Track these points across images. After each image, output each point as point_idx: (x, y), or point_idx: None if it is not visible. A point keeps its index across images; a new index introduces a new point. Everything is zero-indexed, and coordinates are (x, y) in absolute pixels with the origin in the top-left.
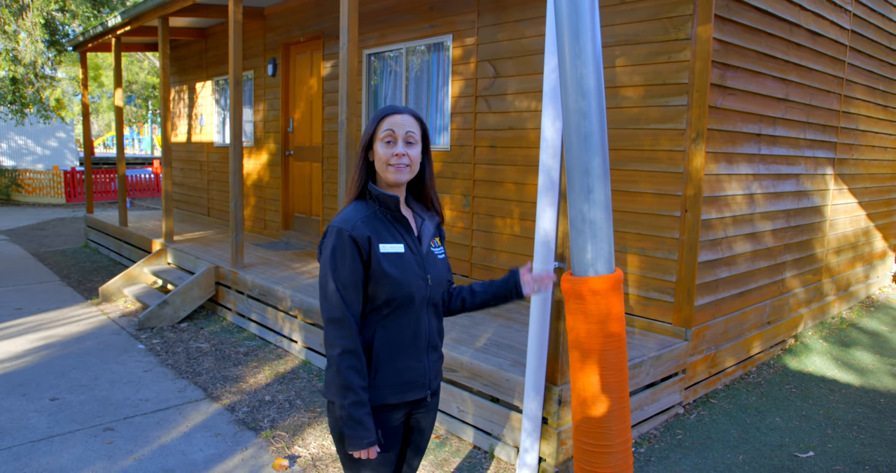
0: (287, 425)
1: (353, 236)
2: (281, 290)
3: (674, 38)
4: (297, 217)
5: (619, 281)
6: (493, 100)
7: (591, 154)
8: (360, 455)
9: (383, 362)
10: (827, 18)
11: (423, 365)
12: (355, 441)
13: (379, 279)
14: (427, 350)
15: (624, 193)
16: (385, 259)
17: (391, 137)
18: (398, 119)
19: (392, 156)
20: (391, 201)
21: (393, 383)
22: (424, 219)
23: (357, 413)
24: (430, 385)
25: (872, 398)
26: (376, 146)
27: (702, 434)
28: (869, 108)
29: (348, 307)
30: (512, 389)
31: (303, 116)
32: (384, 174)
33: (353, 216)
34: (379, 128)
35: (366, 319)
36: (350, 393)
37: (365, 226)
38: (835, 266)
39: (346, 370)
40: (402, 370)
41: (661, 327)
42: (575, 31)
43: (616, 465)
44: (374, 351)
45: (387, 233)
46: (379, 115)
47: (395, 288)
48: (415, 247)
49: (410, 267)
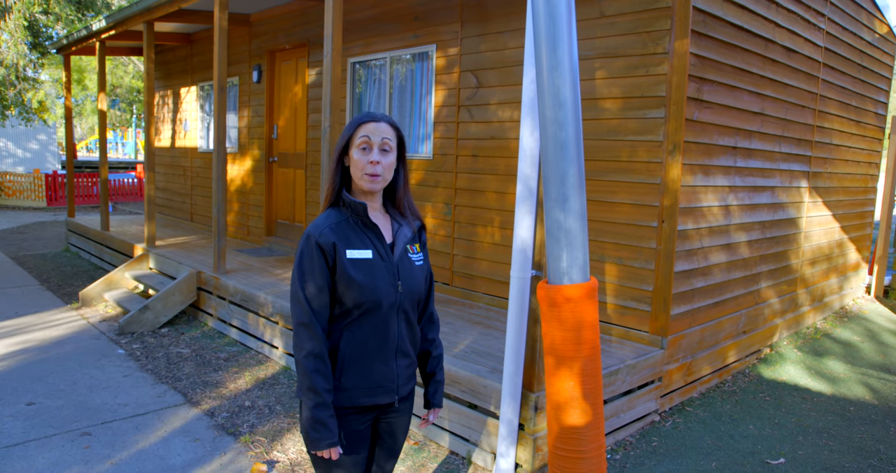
0: (266, 430)
1: (319, 242)
2: (262, 296)
3: (652, 52)
4: (281, 223)
5: (594, 289)
6: (476, 110)
7: (567, 163)
8: (323, 454)
9: (349, 365)
10: (801, 35)
11: (392, 370)
12: (317, 441)
13: (346, 284)
14: (396, 355)
15: (602, 203)
16: (351, 264)
17: (367, 144)
18: (375, 126)
19: (367, 164)
20: (360, 208)
21: (359, 386)
22: (402, 226)
23: (320, 415)
24: (399, 390)
25: (843, 406)
26: (352, 152)
27: (677, 442)
28: (842, 123)
29: (314, 311)
30: (489, 395)
31: (287, 123)
32: (359, 181)
33: (323, 222)
34: (355, 135)
35: (335, 322)
36: (314, 394)
37: (332, 232)
38: (809, 277)
39: (312, 373)
40: (368, 373)
41: (638, 335)
42: (552, 44)
43: (589, 471)
44: (340, 354)
45: (356, 239)
46: (356, 122)
47: (362, 294)
48: (385, 254)
49: (379, 274)
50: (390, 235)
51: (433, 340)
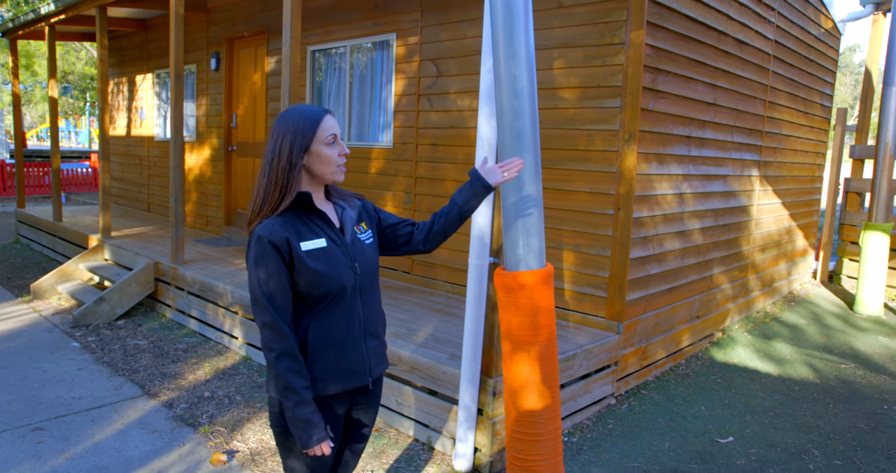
0: (226, 420)
1: (272, 240)
2: (222, 286)
3: (608, 43)
4: (240, 213)
5: (549, 276)
6: (436, 99)
7: (524, 151)
8: (314, 452)
9: (320, 354)
10: (753, 28)
11: (362, 351)
12: (306, 440)
13: (307, 277)
14: (364, 336)
15: (560, 192)
16: (309, 256)
17: (334, 139)
18: (333, 121)
19: (339, 157)
20: (305, 197)
21: (332, 374)
22: (345, 208)
23: (302, 413)
24: (371, 371)
25: (788, 386)
26: (320, 149)
27: (632, 424)
28: (791, 114)
29: (277, 311)
30: (449, 382)
31: (246, 112)
32: (330, 175)
33: (270, 221)
34: (322, 132)
35: (300, 314)
36: (292, 394)
37: (282, 228)
38: (760, 263)
39: (286, 372)
40: (340, 360)
41: (595, 321)
42: (509, 34)
43: (546, 453)
44: (309, 345)
45: (307, 231)
46: (316, 118)
47: (326, 283)
48: (338, 239)
49: (336, 259)
50: (336, 219)
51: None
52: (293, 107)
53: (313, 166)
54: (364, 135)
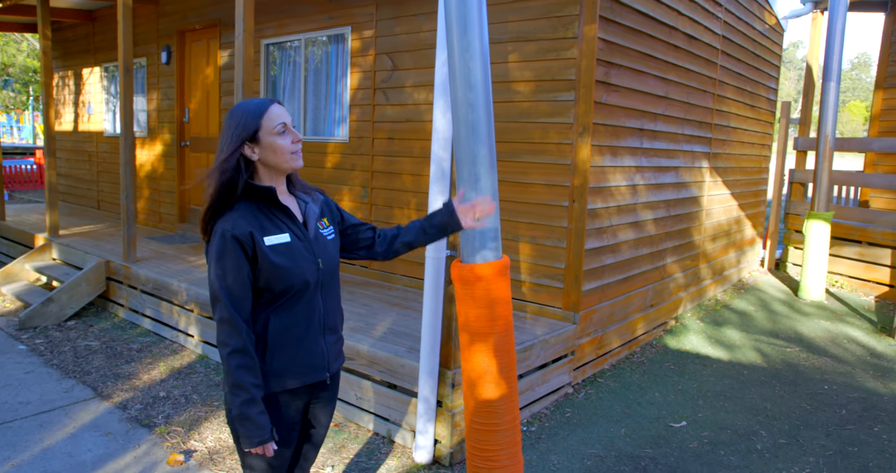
0: (183, 420)
1: (235, 235)
2: (176, 284)
3: (562, 36)
4: (194, 209)
5: (506, 267)
6: (391, 93)
7: (479, 144)
8: (256, 451)
9: (279, 349)
10: (701, 23)
11: (321, 347)
12: (248, 439)
13: (270, 272)
14: (323, 332)
15: (516, 184)
16: (272, 251)
17: (284, 127)
18: (280, 109)
19: (292, 144)
20: (270, 192)
21: (290, 369)
22: (308, 203)
23: (249, 412)
24: (329, 367)
25: (738, 370)
26: (270, 140)
27: (589, 411)
28: (738, 107)
29: (235, 307)
30: (408, 375)
31: (199, 106)
32: (287, 164)
33: (233, 214)
34: (268, 122)
35: (260, 308)
36: (241, 391)
37: (246, 222)
38: (711, 252)
39: (237, 369)
40: (298, 355)
41: (552, 312)
42: (463, 27)
43: (504, 442)
44: (268, 339)
45: (270, 225)
46: (260, 109)
47: (289, 278)
48: (301, 234)
49: (300, 255)
50: (300, 214)
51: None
52: (241, 102)
53: (268, 158)
54: (319, 129)
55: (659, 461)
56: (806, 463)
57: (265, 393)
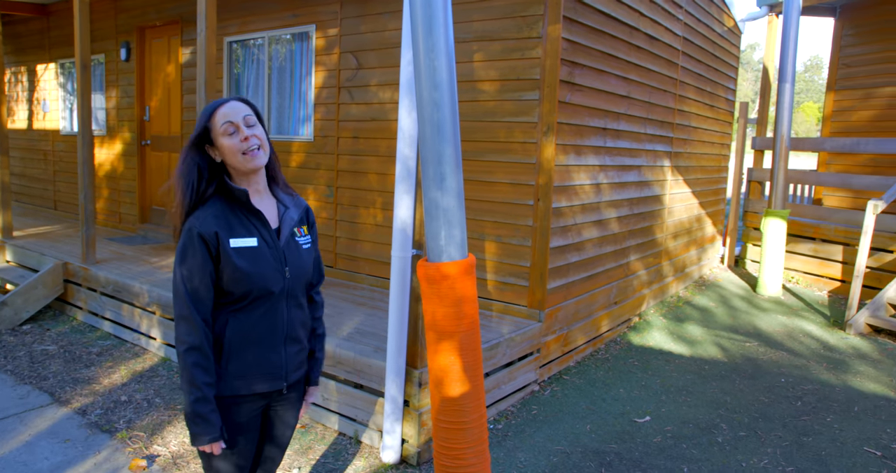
0: (145, 425)
1: (201, 233)
2: (137, 286)
3: (527, 36)
4: (156, 209)
5: (472, 266)
6: (356, 92)
7: (444, 143)
8: (204, 449)
9: (236, 352)
10: (662, 24)
11: (281, 356)
12: (198, 436)
13: (231, 274)
14: (285, 341)
15: (481, 183)
16: (236, 253)
17: (233, 127)
18: (230, 108)
19: (241, 143)
20: (241, 194)
21: (246, 373)
22: (288, 208)
23: (200, 410)
24: (288, 377)
25: (699, 365)
26: (221, 141)
27: (555, 408)
28: (699, 107)
29: (195, 304)
30: (375, 375)
31: (160, 104)
32: (241, 164)
33: (204, 212)
34: (214, 123)
35: (221, 308)
36: (194, 388)
37: (214, 221)
38: (673, 249)
39: (191, 367)
40: (256, 361)
41: (517, 310)
42: (428, 26)
43: (472, 440)
44: (225, 341)
45: (240, 227)
46: (208, 111)
47: (249, 283)
48: (271, 240)
49: (265, 261)
50: (276, 219)
51: (319, 318)
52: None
53: (226, 159)
54: (284, 128)
55: (624, 456)
56: (764, 454)
57: (221, 394)
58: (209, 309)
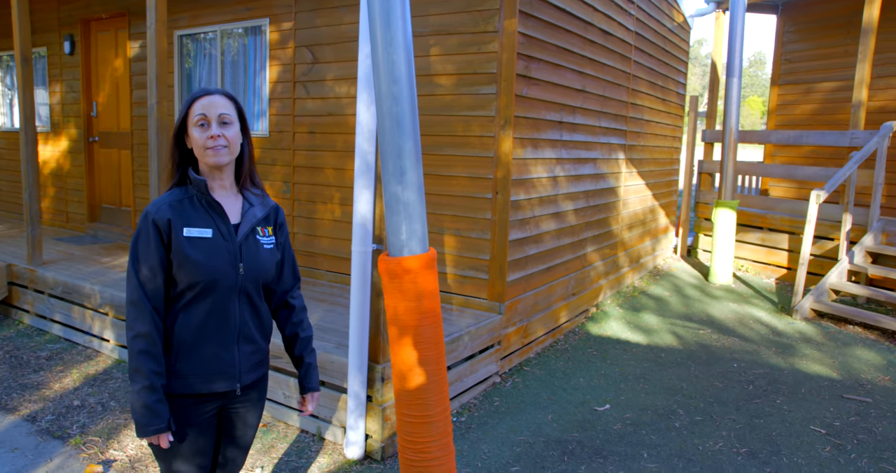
0: (100, 429)
1: (155, 220)
2: (89, 287)
3: (483, 30)
4: (106, 208)
5: (433, 260)
6: (312, 86)
7: (404, 137)
8: (151, 440)
9: (185, 349)
10: (615, 19)
11: (233, 355)
12: (144, 426)
13: (181, 262)
14: (238, 340)
15: (440, 177)
16: (188, 242)
17: (204, 120)
18: (209, 101)
19: (208, 139)
20: (201, 185)
21: (196, 372)
22: (254, 206)
23: (146, 399)
24: (241, 378)
25: (656, 353)
26: (191, 131)
27: (516, 400)
28: (651, 101)
29: (146, 290)
30: (337, 371)
31: (108, 100)
32: (202, 158)
33: (163, 200)
34: (191, 112)
35: (171, 304)
36: (140, 376)
37: (171, 209)
38: (628, 240)
39: (138, 354)
40: (206, 358)
41: (478, 303)
42: (386, 20)
43: (436, 433)
44: (175, 338)
45: (197, 217)
46: (190, 99)
47: (197, 273)
48: (227, 234)
49: (217, 253)
50: (238, 215)
51: (300, 321)
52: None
53: (193, 149)
54: None
55: (585, 444)
56: (719, 437)
57: (171, 393)
58: (161, 297)
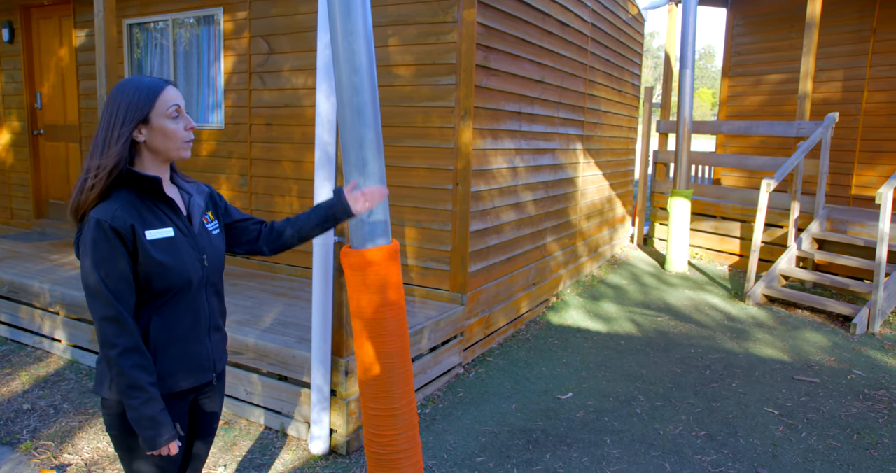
0: (52, 433)
1: (114, 226)
2: (37, 285)
3: (442, 21)
4: (54, 203)
5: (396, 252)
6: (268, 77)
7: (365, 128)
8: (161, 452)
9: (162, 350)
10: (572, 11)
11: (206, 347)
12: (154, 439)
13: (151, 268)
14: (209, 331)
15: (400, 168)
16: (154, 246)
17: (178, 111)
18: (176, 92)
19: (185, 131)
20: (154, 183)
21: (175, 370)
22: (192, 195)
23: (151, 411)
24: (215, 367)
25: (616, 341)
26: (161, 124)
27: (480, 390)
28: (607, 92)
29: (120, 302)
30: (300, 366)
31: (54, 91)
32: (175, 152)
33: (111, 205)
34: (161, 104)
35: (140, 308)
36: (139, 391)
37: (126, 213)
38: (586, 230)
39: (132, 369)
40: (184, 356)
41: (440, 294)
42: (346, 9)
43: (402, 426)
44: (151, 341)
45: (152, 218)
46: (155, 89)
47: (171, 276)
48: (185, 229)
49: (184, 251)
50: (184, 207)
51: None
52: (130, 78)
53: (156, 142)
54: (193, 115)
55: (549, 432)
56: (679, 422)
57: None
58: (133, 306)
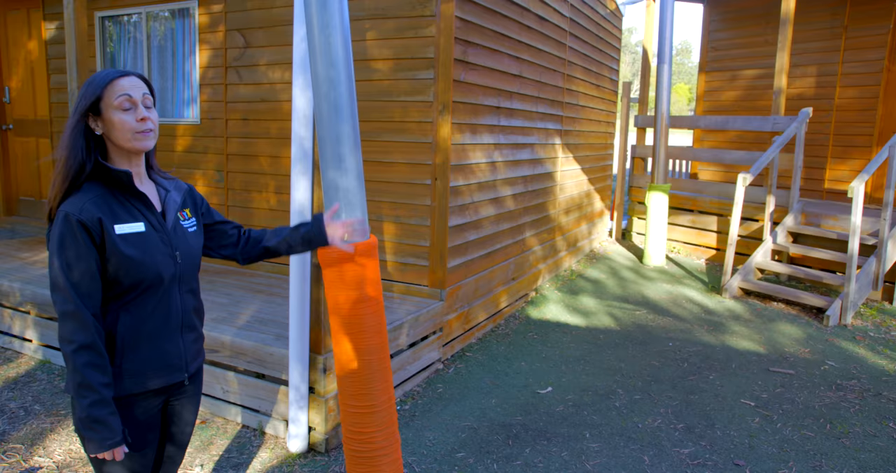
0: (23, 435)
1: (81, 220)
2: (7, 284)
3: (420, 14)
4: (24, 200)
5: (374, 247)
6: (245, 72)
7: (342, 122)
8: (105, 456)
9: (131, 348)
10: (551, 6)
11: (179, 346)
12: (97, 442)
13: (119, 263)
14: (182, 330)
15: (378, 163)
16: (123, 240)
17: (130, 102)
18: (130, 82)
19: (138, 122)
20: (124, 177)
21: (144, 368)
22: (170, 191)
23: (98, 413)
24: (188, 367)
25: (595, 335)
26: (110, 115)
27: (460, 385)
28: (586, 87)
29: (82, 298)
30: (277, 363)
31: (24, 85)
32: (128, 143)
33: (80, 198)
34: (109, 95)
35: (109, 304)
36: (89, 391)
37: (95, 206)
38: (565, 225)
39: (83, 367)
40: (154, 354)
41: (419, 290)
42: (323, 1)
43: (381, 423)
44: (118, 337)
45: (123, 212)
46: (104, 80)
47: (140, 271)
48: (158, 224)
49: (154, 246)
50: (159, 203)
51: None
52: (100, 71)
53: (111, 134)
54: (167, 110)
55: (529, 426)
56: (658, 415)
57: (118, 395)
58: (98, 302)
